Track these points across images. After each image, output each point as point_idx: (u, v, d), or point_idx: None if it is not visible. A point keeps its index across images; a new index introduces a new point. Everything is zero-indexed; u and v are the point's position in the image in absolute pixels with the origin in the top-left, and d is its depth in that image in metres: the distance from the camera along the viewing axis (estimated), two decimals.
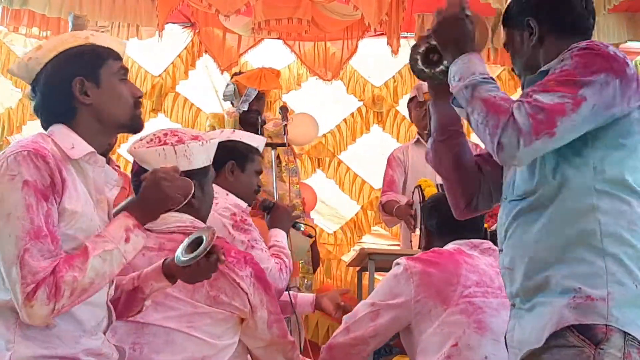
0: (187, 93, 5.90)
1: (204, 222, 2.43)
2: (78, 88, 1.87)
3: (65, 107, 1.89)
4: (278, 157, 4.68)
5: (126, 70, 1.97)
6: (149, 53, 5.81)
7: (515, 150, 1.69)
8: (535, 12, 1.94)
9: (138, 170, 2.31)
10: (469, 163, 2.09)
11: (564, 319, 1.69)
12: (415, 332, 2.47)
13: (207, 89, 5.91)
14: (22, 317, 1.72)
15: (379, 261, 3.96)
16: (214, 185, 2.61)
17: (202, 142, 2.36)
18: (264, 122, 4.78)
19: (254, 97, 4.74)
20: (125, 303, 2.04)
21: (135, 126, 1.98)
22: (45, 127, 1.91)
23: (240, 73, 5.12)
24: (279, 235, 2.98)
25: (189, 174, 2.22)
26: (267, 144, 4.47)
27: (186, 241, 1.97)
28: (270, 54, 5.59)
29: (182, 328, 2.22)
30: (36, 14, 5.03)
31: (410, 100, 4.85)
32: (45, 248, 1.72)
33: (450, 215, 2.64)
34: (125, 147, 5.68)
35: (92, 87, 1.88)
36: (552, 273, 1.74)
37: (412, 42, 5.77)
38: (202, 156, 2.37)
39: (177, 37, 5.83)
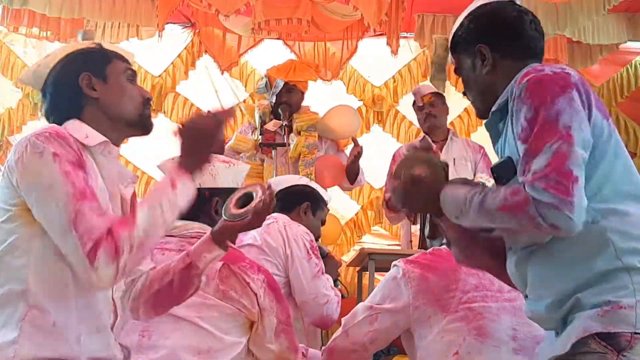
0: (187, 93, 5.90)
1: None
2: (85, 82, 1.91)
3: (74, 102, 1.91)
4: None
5: (134, 73, 2.00)
6: (149, 53, 5.80)
7: (569, 221, 1.62)
8: (486, 39, 1.90)
9: None
10: (500, 246, 1.96)
11: (590, 328, 1.67)
12: (415, 337, 2.45)
13: (207, 89, 5.91)
14: (91, 283, 1.73)
15: (379, 261, 3.96)
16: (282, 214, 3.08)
17: (229, 165, 2.51)
18: (290, 114, 4.71)
19: (281, 88, 4.71)
20: (180, 284, 2.04)
21: (143, 125, 1.98)
22: (58, 124, 1.91)
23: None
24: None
25: (213, 191, 2.43)
26: (267, 144, 4.49)
27: (233, 198, 2.02)
28: (270, 54, 5.58)
29: (191, 317, 2.26)
30: (36, 14, 5.03)
31: (413, 103, 4.87)
32: (94, 206, 1.73)
33: None
34: (125, 147, 5.71)
35: (99, 83, 1.92)
36: (582, 295, 1.71)
37: (412, 42, 5.80)
38: (228, 177, 2.49)
39: (177, 37, 5.83)
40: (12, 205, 1.78)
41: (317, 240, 3.40)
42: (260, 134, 4.53)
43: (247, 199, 2.01)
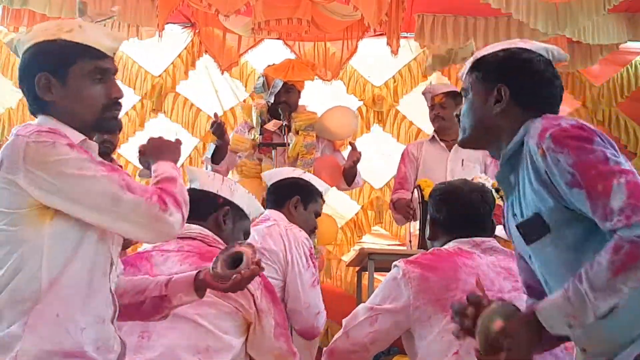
0: (187, 93, 5.90)
1: None
2: (42, 84, 1.85)
3: (35, 101, 1.89)
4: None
5: (105, 70, 1.90)
6: (149, 53, 5.81)
7: None
8: (510, 82, 1.84)
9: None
10: None
11: None
12: (415, 337, 2.45)
13: (207, 89, 5.91)
14: (158, 234, 1.82)
15: (378, 261, 3.96)
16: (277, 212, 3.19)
17: (249, 193, 2.64)
18: (290, 113, 4.69)
19: (279, 88, 4.69)
20: (151, 309, 2.05)
21: (102, 128, 1.93)
22: (33, 114, 1.92)
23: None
24: None
25: (227, 202, 2.54)
26: (266, 144, 4.49)
27: (224, 254, 2.01)
28: (270, 54, 5.58)
29: (189, 315, 2.26)
30: (36, 14, 5.02)
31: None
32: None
33: (458, 209, 2.62)
34: (125, 147, 5.73)
35: (57, 85, 1.86)
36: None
37: (412, 42, 5.80)
38: (244, 200, 2.60)
39: (177, 37, 5.83)
40: (17, 208, 1.76)
41: (313, 232, 3.40)
42: (260, 134, 4.52)
43: (236, 259, 1.99)
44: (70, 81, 1.86)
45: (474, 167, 4.51)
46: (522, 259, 1.94)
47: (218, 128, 4.37)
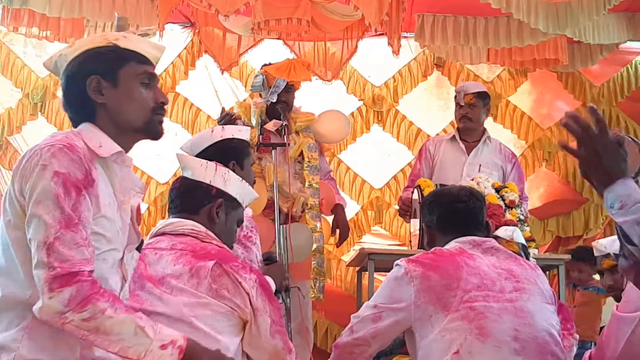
0: (187, 93, 5.90)
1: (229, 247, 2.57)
2: (93, 86, 1.88)
3: (83, 105, 1.90)
4: (301, 153, 4.65)
5: (152, 75, 1.95)
6: None
7: None
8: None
9: (178, 179, 2.59)
10: None
11: None
12: (416, 337, 2.46)
13: (207, 89, 5.90)
14: (35, 307, 1.69)
15: (378, 261, 3.96)
16: None
17: (242, 181, 2.58)
18: (287, 113, 4.66)
19: (282, 88, 4.68)
20: None
21: (149, 131, 1.96)
22: (74, 125, 1.92)
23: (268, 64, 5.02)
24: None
25: (221, 193, 2.49)
26: (267, 144, 4.47)
27: None
28: (270, 54, 5.57)
29: (186, 317, 2.26)
30: (36, 14, 5.02)
31: (455, 95, 4.75)
32: (77, 237, 1.72)
33: (450, 209, 2.66)
34: None
35: (108, 87, 1.89)
36: None
37: (412, 42, 5.80)
38: (237, 189, 2.55)
39: (177, 37, 5.83)
40: (15, 214, 1.79)
41: (253, 184, 3.10)
42: (260, 134, 4.51)
43: None
44: (121, 83, 1.90)
45: (491, 175, 4.39)
46: None
47: (229, 120, 4.34)
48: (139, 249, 2.01)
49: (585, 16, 4.87)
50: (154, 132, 1.97)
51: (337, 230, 4.74)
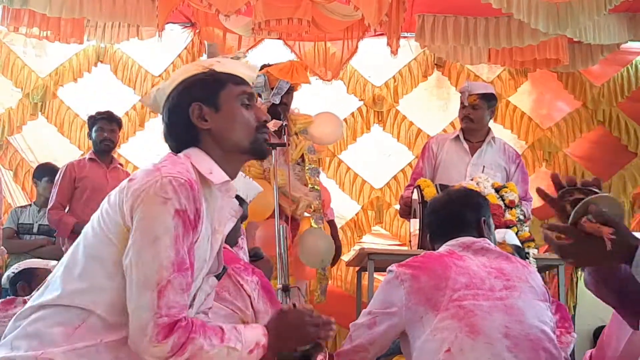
0: None
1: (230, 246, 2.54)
2: (196, 114, 1.88)
3: (188, 134, 1.89)
4: (302, 156, 4.65)
5: (251, 95, 1.95)
6: (149, 53, 5.81)
7: None
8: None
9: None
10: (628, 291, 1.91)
11: None
12: (410, 339, 2.47)
13: None
14: (135, 346, 1.69)
15: (378, 261, 3.96)
16: None
17: (245, 176, 2.53)
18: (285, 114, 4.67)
19: (286, 90, 4.69)
20: None
21: (257, 151, 1.94)
22: (176, 152, 1.90)
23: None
24: None
25: None
26: (266, 144, 4.47)
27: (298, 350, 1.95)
28: (270, 54, 5.58)
29: None
30: (36, 14, 5.02)
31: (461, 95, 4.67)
32: (184, 282, 1.71)
33: (444, 216, 2.70)
34: (125, 148, 5.73)
35: (210, 112, 1.89)
36: None
37: (412, 42, 5.80)
38: (241, 186, 2.47)
39: (177, 37, 5.83)
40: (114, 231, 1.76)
41: None
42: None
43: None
44: (223, 106, 1.90)
45: (494, 176, 4.34)
46: None
47: None
48: (218, 276, 2.00)
49: (586, 16, 4.87)
50: (260, 151, 1.96)
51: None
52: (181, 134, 1.90)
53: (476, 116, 4.49)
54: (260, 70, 4.87)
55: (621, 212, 1.71)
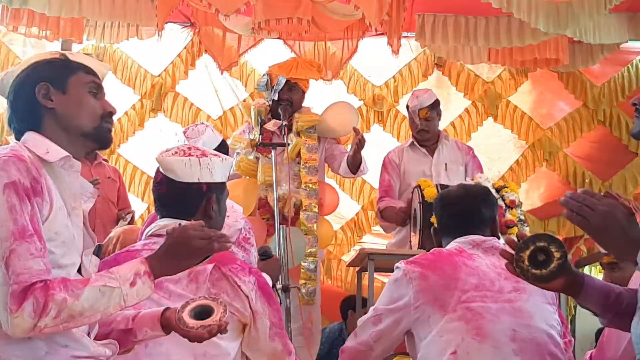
0: (187, 93, 5.89)
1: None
2: (42, 92, 1.90)
3: (32, 112, 1.90)
4: (299, 153, 4.63)
5: (99, 86, 1.97)
6: (149, 53, 5.80)
7: None
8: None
9: (162, 180, 2.41)
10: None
11: None
12: (415, 338, 2.46)
13: (207, 89, 5.90)
14: (3, 324, 1.69)
15: (378, 261, 3.95)
16: None
17: (222, 159, 2.46)
18: (292, 113, 4.66)
19: (282, 85, 4.67)
20: (116, 341, 2.01)
21: (98, 137, 1.95)
22: (18, 139, 1.91)
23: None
24: None
25: (211, 186, 2.39)
26: (266, 144, 4.45)
27: (194, 303, 1.98)
28: (270, 54, 5.57)
29: None
30: (36, 14, 5.01)
31: (407, 106, 4.85)
32: (33, 247, 1.71)
33: (460, 210, 2.66)
34: (125, 147, 5.72)
35: (57, 93, 1.91)
36: None
37: (413, 41, 5.79)
38: (222, 171, 2.46)
39: (177, 36, 5.82)
40: None
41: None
42: (260, 134, 4.50)
43: (204, 312, 1.95)
44: (70, 90, 1.92)
45: (457, 170, 4.62)
46: None
47: None
48: (98, 255, 1.98)
49: (586, 16, 4.86)
50: (103, 139, 1.96)
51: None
52: (25, 113, 1.91)
53: (431, 127, 4.73)
54: (268, 70, 4.86)
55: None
